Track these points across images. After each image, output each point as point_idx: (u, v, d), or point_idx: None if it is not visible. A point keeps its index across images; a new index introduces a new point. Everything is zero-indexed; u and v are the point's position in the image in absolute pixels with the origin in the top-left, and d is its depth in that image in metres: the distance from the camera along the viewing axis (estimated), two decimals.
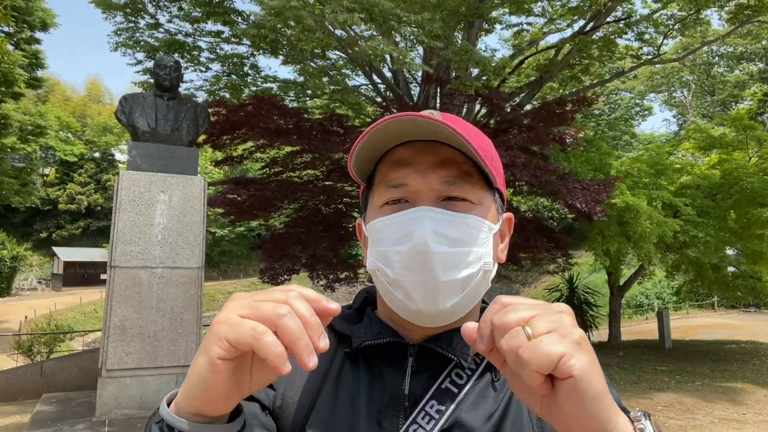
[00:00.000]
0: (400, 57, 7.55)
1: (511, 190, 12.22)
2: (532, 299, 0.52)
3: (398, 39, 9.53)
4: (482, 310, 0.79)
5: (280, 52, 9.96)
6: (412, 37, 8.52)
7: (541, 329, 0.48)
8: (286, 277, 11.57)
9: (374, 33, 8.52)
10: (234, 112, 10.02)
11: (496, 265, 0.73)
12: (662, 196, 10.69)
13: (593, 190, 9.13)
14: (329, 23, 7.25)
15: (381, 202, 0.71)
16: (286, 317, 0.48)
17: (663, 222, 9.88)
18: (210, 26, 10.74)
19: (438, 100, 10.61)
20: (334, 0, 6.78)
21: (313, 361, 0.48)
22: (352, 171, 0.74)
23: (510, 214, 0.79)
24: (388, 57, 9.66)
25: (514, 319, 0.49)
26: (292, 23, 7.19)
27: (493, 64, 8.84)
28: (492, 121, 10.77)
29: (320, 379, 0.73)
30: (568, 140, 10.07)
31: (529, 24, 11.90)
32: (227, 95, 11.46)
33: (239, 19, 10.16)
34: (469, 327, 0.52)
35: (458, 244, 0.67)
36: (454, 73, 9.87)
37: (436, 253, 0.65)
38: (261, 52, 10.58)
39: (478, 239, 0.69)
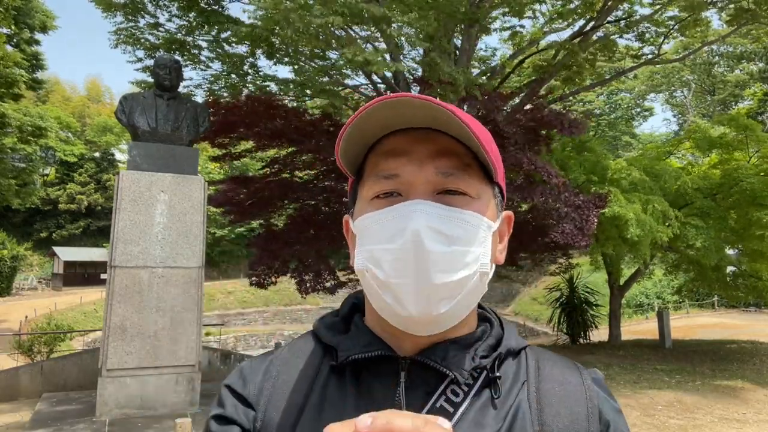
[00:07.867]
0: (378, 61, 7.51)
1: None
2: None
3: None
4: (479, 316, 0.74)
5: (277, 54, 9.95)
6: (402, 38, 8.49)
7: None
8: (273, 278, 11.23)
9: (372, 32, 8.50)
10: (230, 111, 9.91)
11: (494, 267, 0.68)
12: (656, 202, 10.55)
13: (585, 206, 8.94)
14: (317, 26, 7.22)
15: (371, 195, 0.65)
16: None
17: (655, 229, 9.80)
18: (208, 27, 10.74)
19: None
20: (326, 3, 6.79)
21: None
22: (340, 161, 0.67)
23: (510, 213, 0.73)
24: (388, 56, 9.64)
25: None
26: (284, 24, 7.18)
27: (483, 77, 8.69)
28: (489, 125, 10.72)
29: (304, 397, 0.67)
30: (570, 124, 9.46)
31: (522, 27, 11.91)
32: (225, 94, 11.43)
33: (233, 25, 10.16)
34: None
35: (455, 243, 0.60)
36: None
37: (431, 251, 0.59)
38: (259, 52, 10.58)
39: (477, 238, 0.63)
